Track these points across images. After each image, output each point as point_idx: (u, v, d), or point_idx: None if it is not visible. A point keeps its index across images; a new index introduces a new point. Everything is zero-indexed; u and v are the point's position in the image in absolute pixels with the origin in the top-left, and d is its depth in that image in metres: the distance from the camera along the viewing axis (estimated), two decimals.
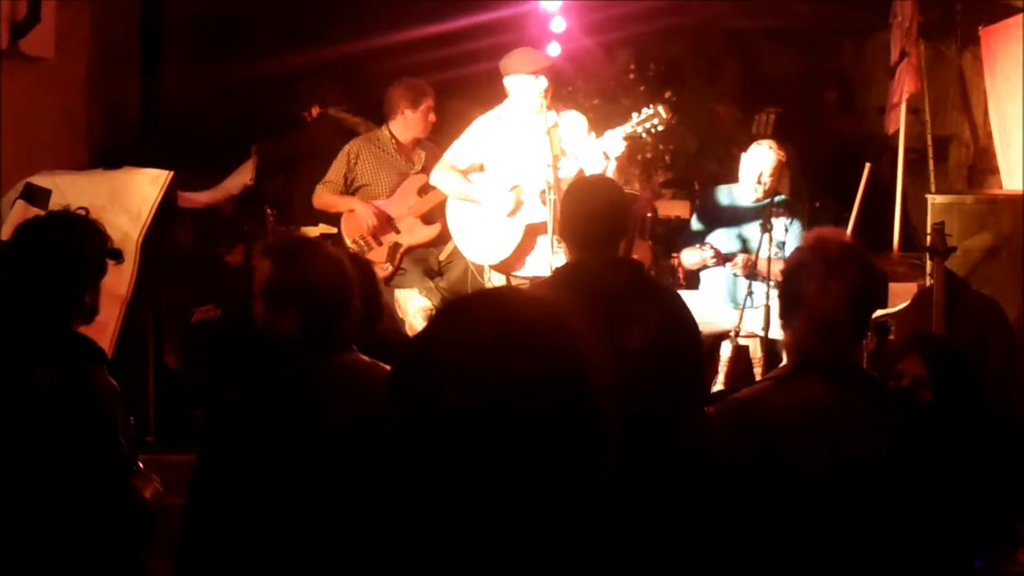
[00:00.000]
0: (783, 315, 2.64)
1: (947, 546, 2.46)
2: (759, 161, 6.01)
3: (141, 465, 3.19)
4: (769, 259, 5.60)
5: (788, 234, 5.93)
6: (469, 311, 1.53)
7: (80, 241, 3.15)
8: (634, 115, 5.57)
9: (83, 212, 3.23)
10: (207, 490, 2.98)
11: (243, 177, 7.01)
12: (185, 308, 6.35)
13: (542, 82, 5.61)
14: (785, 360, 5.53)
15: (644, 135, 5.61)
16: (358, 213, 6.24)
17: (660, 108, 5.51)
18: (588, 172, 5.65)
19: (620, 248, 4.09)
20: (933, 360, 3.63)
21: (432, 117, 6.39)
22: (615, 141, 5.49)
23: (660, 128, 5.56)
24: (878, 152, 8.23)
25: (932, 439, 2.49)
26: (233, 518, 2.90)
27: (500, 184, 5.75)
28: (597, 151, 5.51)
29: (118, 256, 3.25)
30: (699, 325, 4.08)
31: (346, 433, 2.77)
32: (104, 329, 4.91)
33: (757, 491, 2.37)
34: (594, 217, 3.90)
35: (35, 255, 3.09)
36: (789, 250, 5.89)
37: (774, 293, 5.61)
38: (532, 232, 5.64)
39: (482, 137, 5.89)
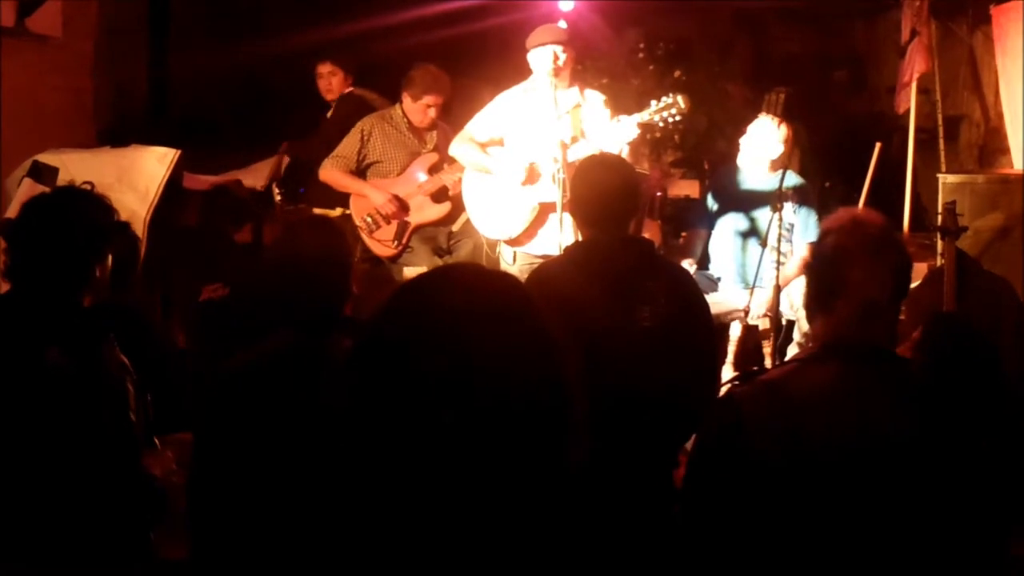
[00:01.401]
0: (818, 300, 2.58)
1: (976, 528, 2.44)
2: (752, 131, 6.03)
3: (157, 442, 3.19)
4: (779, 239, 5.56)
5: (797, 216, 5.90)
6: (435, 285, 1.54)
7: (86, 214, 3.14)
8: (652, 103, 5.53)
9: (88, 187, 3.23)
10: (203, 468, 2.99)
11: (259, 178, 6.88)
12: (193, 286, 6.34)
13: (549, 52, 5.57)
14: (799, 338, 5.59)
15: (661, 123, 5.57)
16: (374, 200, 6.22)
17: (679, 98, 5.49)
18: None
19: (630, 227, 4.08)
20: (932, 326, 3.62)
21: (432, 114, 6.34)
22: (629, 128, 5.47)
23: (678, 118, 5.52)
24: (888, 132, 8.19)
25: (956, 417, 2.47)
26: (231, 495, 2.91)
27: (516, 158, 5.72)
28: (614, 137, 5.50)
29: (125, 228, 3.25)
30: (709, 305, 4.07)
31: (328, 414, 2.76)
32: None
33: (785, 473, 2.35)
34: (606, 195, 3.88)
35: (42, 230, 3.08)
36: (798, 237, 5.89)
37: (784, 273, 5.59)
38: (545, 210, 5.61)
39: (505, 111, 5.85)
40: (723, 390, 2.54)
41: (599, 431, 1.57)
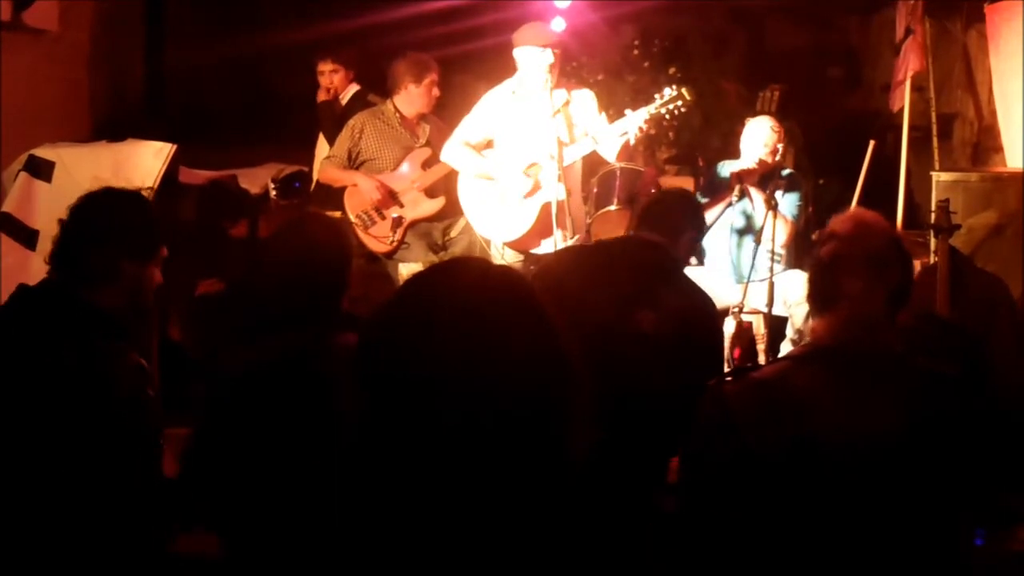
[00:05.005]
0: (814, 302, 2.59)
1: (950, 520, 2.46)
2: (758, 134, 6.04)
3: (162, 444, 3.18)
4: (774, 236, 5.58)
5: (783, 199, 5.92)
6: (441, 280, 1.56)
7: (121, 214, 3.14)
8: (657, 96, 5.60)
9: (148, 193, 3.22)
10: (204, 460, 2.99)
11: (256, 185, 6.84)
12: (189, 281, 6.35)
13: (549, 55, 5.61)
14: (792, 334, 5.61)
15: (667, 116, 5.65)
16: (361, 187, 6.24)
17: (683, 90, 5.56)
18: (605, 151, 5.67)
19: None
20: (921, 323, 3.62)
21: (436, 92, 6.38)
22: (637, 122, 5.51)
23: (683, 110, 5.60)
24: (882, 129, 8.21)
25: (952, 413, 2.48)
26: (229, 488, 2.91)
27: (515, 162, 5.72)
28: (617, 131, 5.54)
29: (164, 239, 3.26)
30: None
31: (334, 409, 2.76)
32: None
33: (779, 470, 2.36)
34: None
35: (74, 227, 3.08)
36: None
37: (778, 268, 5.62)
38: (547, 210, 5.61)
39: (493, 112, 5.86)
40: (712, 387, 2.53)
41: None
